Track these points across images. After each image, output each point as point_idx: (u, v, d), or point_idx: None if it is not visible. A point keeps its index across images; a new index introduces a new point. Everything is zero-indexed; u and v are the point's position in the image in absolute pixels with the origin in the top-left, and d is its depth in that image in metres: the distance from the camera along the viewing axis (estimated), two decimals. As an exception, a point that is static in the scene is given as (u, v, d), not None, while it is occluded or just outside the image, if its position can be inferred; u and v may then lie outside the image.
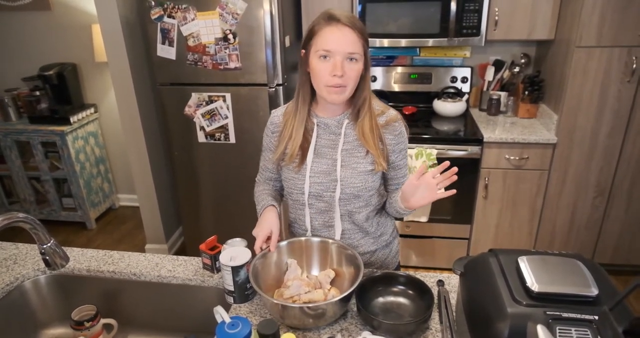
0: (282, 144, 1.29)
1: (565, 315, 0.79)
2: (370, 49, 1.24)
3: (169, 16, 2.33)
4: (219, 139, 2.55)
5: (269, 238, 1.24)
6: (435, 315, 1.17)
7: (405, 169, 1.35)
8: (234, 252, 1.23)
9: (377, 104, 1.30)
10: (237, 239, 1.33)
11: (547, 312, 0.79)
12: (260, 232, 1.24)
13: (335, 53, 1.14)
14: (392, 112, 1.30)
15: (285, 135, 1.28)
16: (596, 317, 0.78)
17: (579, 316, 0.78)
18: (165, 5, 2.31)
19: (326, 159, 1.27)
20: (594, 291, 0.81)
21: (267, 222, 1.26)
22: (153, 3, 2.31)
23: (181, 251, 3.16)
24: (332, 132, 1.28)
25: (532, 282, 0.83)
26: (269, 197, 1.37)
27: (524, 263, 0.89)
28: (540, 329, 0.75)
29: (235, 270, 1.20)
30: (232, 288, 1.22)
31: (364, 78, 1.22)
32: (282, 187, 1.40)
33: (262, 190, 1.41)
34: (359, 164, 1.26)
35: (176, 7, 2.30)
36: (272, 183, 1.45)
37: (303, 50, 1.23)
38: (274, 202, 1.36)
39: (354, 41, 1.14)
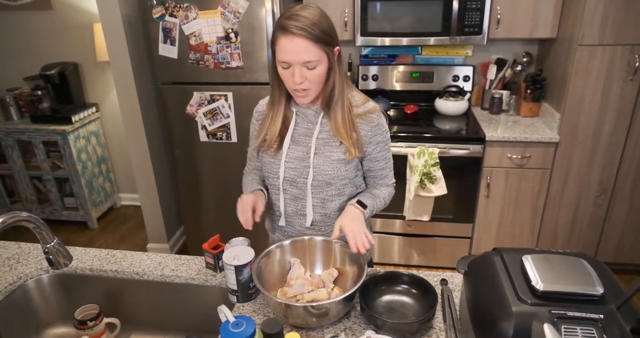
0: (262, 131, 1.34)
1: (570, 314, 0.78)
2: (371, 48, 1.24)
3: (171, 15, 2.32)
4: (221, 138, 2.55)
5: (254, 212, 1.29)
6: (438, 314, 1.17)
7: (385, 161, 1.37)
8: (237, 251, 1.23)
9: (359, 97, 1.33)
10: (240, 238, 1.33)
11: (553, 311, 0.79)
12: (244, 201, 1.28)
13: (292, 63, 1.16)
14: (371, 104, 1.32)
15: (266, 122, 1.33)
16: (602, 316, 0.77)
17: (584, 315, 0.78)
18: (167, 4, 2.31)
19: (302, 146, 1.31)
20: (600, 290, 0.81)
21: (250, 195, 1.32)
22: (155, 2, 2.31)
23: (183, 250, 3.16)
24: (309, 121, 1.32)
25: (537, 281, 0.83)
26: (256, 184, 1.42)
27: (528, 262, 0.88)
28: (547, 328, 0.75)
29: (239, 269, 1.20)
30: (235, 288, 1.22)
31: (332, 75, 1.23)
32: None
33: (251, 180, 1.45)
34: (332, 153, 1.29)
35: (178, 6, 2.30)
36: (259, 174, 1.48)
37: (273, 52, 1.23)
38: (260, 185, 1.41)
39: (307, 50, 1.14)
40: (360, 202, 1.29)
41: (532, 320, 0.79)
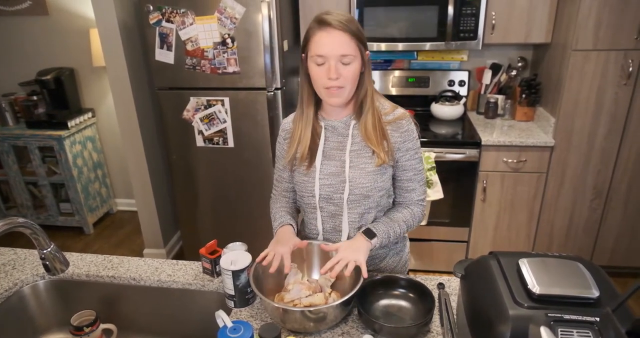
0: (292, 148, 1.30)
1: (566, 317, 0.79)
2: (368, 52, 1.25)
3: (168, 20, 2.33)
4: (218, 143, 2.55)
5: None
6: (436, 318, 1.18)
7: (413, 172, 1.31)
8: (234, 256, 1.23)
9: (386, 104, 1.31)
10: (237, 243, 1.33)
11: (549, 314, 0.79)
12: (277, 248, 1.21)
13: (329, 57, 1.16)
14: (400, 110, 1.30)
15: (295, 138, 1.29)
16: (597, 319, 0.78)
17: (580, 318, 0.78)
18: (164, 10, 2.31)
19: (335, 160, 1.28)
20: (595, 293, 0.81)
21: (285, 242, 1.24)
22: (151, 7, 2.32)
23: (179, 256, 3.15)
24: (339, 134, 1.29)
25: (533, 284, 0.84)
26: (286, 214, 1.36)
27: (524, 266, 0.89)
28: (544, 331, 0.76)
29: (236, 274, 1.19)
30: (232, 293, 1.22)
31: (363, 75, 1.23)
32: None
33: (279, 208, 1.39)
34: (367, 164, 1.26)
35: (174, 11, 2.30)
36: (288, 196, 1.42)
37: (303, 54, 1.24)
38: (291, 219, 1.34)
39: (345, 43, 1.15)
40: (369, 231, 1.24)
41: (529, 324, 0.79)
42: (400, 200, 1.36)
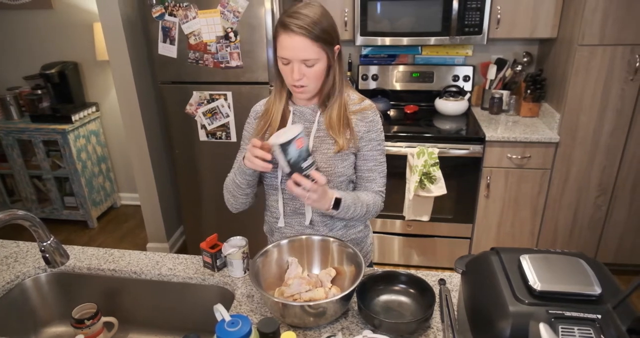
0: (264, 127, 1.32)
1: (567, 314, 0.78)
2: (371, 48, 1.24)
3: (170, 14, 2.32)
4: (220, 138, 2.55)
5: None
6: (436, 314, 1.17)
7: (374, 163, 1.34)
8: (281, 131, 1.15)
9: (355, 95, 1.34)
10: (237, 237, 1.33)
11: (550, 311, 0.79)
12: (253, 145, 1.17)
13: (292, 59, 1.18)
14: (367, 102, 1.34)
15: (268, 117, 1.32)
16: (599, 316, 0.77)
17: (581, 315, 0.78)
18: (167, 3, 2.30)
19: None
20: (597, 290, 0.80)
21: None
22: (154, 1, 2.31)
23: (182, 250, 3.16)
24: (306, 120, 1.32)
25: (535, 281, 0.83)
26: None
27: (526, 262, 0.88)
28: (543, 327, 0.75)
29: (284, 147, 1.11)
30: (289, 170, 1.14)
31: (331, 73, 1.25)
32: (256, 180, 1.39)
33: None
34: (329, 150, 1.29)
35: (177, 5, 2.30)
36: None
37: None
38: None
39: (307, 48, 1.16)
40: (337, 202, 1.24)
41: (530, 320, 0.78)
42: (360, 189, 1.38)
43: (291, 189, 1.17)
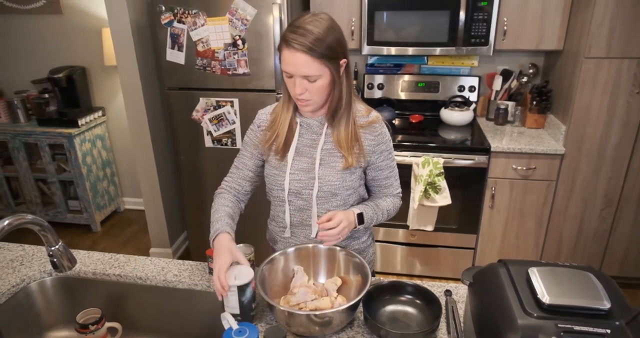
0: (273, 134, 1.31)
1: (577, 328, 0.78)
2: (377, 57, 1.24)
3: (179, 21, 2.34)
4: (226, 144, 2.56)
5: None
6: (443, 325, 1.16)
7: (389, 170, 1.37)
8: (236, 271, 1.14)
9: (361, 107, 1.34)
10: (241, 245, 1.33)
11: (559, 325, 0.78)
12: (221, 264, 1.12)
13: (294, 74, 1.17)
14: (374, 114, 1.34)
15: (274, 131, 1.32)
16: (608, 331, 0.77)
17: (591, 329, 0.77)
18: (176, 11, 2.33)
19: (306, 157, 1.31)
20: (607, 304, 0.80)
21: (226, 252, 1.16)
22: (163, 8, 2.33)
23: (185, 255, 3.15)
24: (313, 132, 1.31)
25: (543, 294, 0.83)
26: (225, 216, 1.27)
27: (534, 275, 0.88)
28: (553, 342, 0.74)
29: (242, 289, 1.11)
30: (237, 311, 1.13)
31: (336, 88, 1.23)
32: (246, 198, 1.42)
33: (222, 205, 1.32)
34: (337, 163, 1.29)
35: (186, 12, 2.32)
36: (238, 189, 1.39)
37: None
38: (228, 226, 1.24)
39: (308, 65, 1.14)
40: (360, 216, 1.29)
41: (538, 334, 0.78)
42: (379, 196, 1.41)
43: (329, 243, 1.22)
